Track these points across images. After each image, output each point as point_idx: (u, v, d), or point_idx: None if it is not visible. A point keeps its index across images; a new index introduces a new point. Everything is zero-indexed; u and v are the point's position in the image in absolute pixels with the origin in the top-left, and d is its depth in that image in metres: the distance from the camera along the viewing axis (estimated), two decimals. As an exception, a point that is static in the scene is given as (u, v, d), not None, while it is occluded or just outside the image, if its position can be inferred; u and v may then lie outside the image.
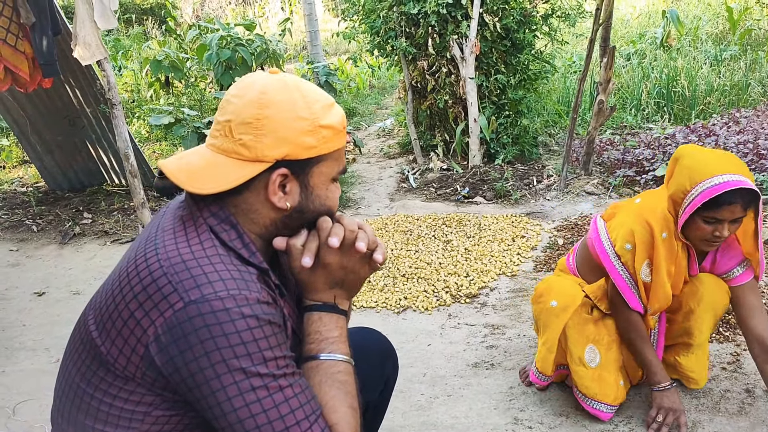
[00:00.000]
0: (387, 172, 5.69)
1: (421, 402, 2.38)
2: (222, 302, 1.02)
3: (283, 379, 1.05)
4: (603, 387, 2.12)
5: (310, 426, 1.05)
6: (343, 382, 1.15)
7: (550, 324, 2.14)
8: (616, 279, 2.08)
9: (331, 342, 1.18)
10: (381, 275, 3.53)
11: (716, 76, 6.47)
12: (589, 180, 4.66)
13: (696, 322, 2.13)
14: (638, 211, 2.07)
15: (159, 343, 1.04)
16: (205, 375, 1.02)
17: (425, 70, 5.40)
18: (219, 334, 1.01)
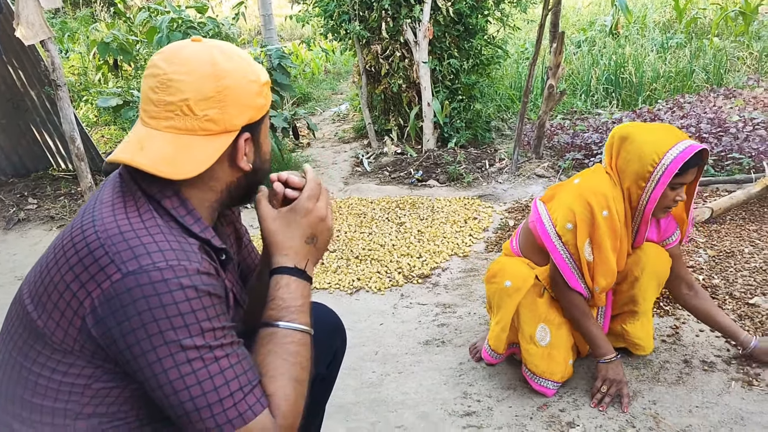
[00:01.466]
0: (341, 156, 5.69)
1: (373, 379, 2.41)
2: (160, 273, 1.01)
3: (220, 350, 1.05)
4: (551, 365, 2.18)
5: (244, 397, 1.05)
6: (293, 353, 1.14)
7: (504, 304, 2.18)
8: (557, 259, 2.13)
9: (293, 311, 1.16)
10: (334, 257, 3.55)
11: (662, 63, 6.64)
12: (540, 163, 4.75)
13: (640, 289, 2.21)
14: (578, 191, 2.12)
15: (96, 315, 1.02)
16: (142, 347, 1.01)
17: (379, 54, 5.40)
18: (156, 306, 1.00)
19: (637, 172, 2.03)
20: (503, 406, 2.19)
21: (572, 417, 2.10)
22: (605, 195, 2.06)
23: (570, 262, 2.12)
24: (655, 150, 1.99)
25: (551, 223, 2.14)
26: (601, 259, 2.10)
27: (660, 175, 1.99)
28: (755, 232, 3.31)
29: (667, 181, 1.98)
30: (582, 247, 2.09)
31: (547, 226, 2.15)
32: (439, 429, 2.10)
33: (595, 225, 2.07)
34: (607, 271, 2.12)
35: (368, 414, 2.21)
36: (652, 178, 2.01)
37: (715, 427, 1.98)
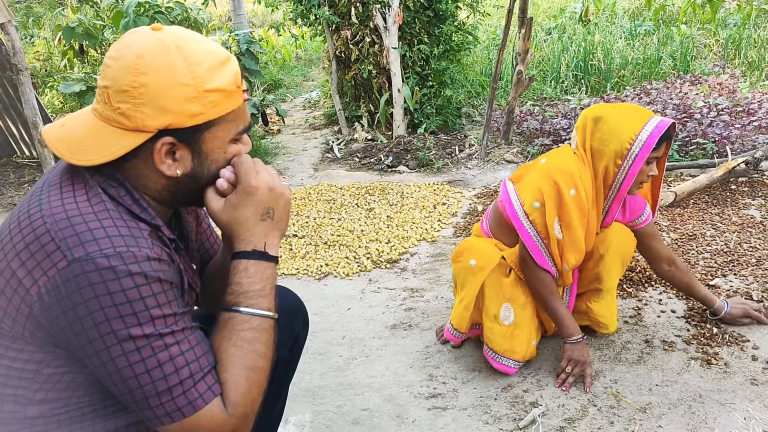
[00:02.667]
0: (312, 142, 5.66)
1: (339, 363, 2.41)
2: (107, 260, 0.98)
3: (170, 337, 1.03)
4: (514, 344, 2.20)
5: (194, 384, 1.03)
6: (249, 339, 1.11)
7: (468, 282, 2.20)
8: (525, 237, 2.15)
9: (251, 295, 1.13)
10: (303, 243, 3.53)
11: (631, 50, 6.71)
12: (509, 149, 4.78)
13: (605, 267, 2.25)
14: (545, 170, 2.13)
15: (42, 303, 1.00)
16: (89, 336, 0.99)
17: (349, 40, 5.37)
18: (103, 293, 0.98)
19: (615, 150, 2.07)
20: (468, 387, 2.21)
21: (535, 397, 2.13)
22: (572, 173, 2.09)
23: (538, 241, 2.14)
24: (631, 127, 2.04)
25: (519, 202, 2.16)
26: (570, 237, 2.13)
27: (638, 150, 2.04)
28: (717, 215, 3.38)
29: (645, 156, 2.04)
30: (552, 225, 2.11)
31: (515, 205, 2.17)
32: (404, 411, 2.11)
33: (563, 203, 2.09)
34: (576, 248, 2.15)
35: (334, 397, 2.21)
36: (629, 155, 2.05)
37: (675, 404, 2.03)
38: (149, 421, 1.03)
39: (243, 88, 1.15)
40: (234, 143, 1.15)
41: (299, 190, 4.40)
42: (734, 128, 4.22)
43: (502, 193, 2.27)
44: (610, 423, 1.97)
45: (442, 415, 2.08)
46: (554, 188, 2.09)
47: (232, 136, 1.14)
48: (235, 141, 1.15)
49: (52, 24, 9.81)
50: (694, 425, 1.93)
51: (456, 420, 2.04)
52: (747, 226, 3.20)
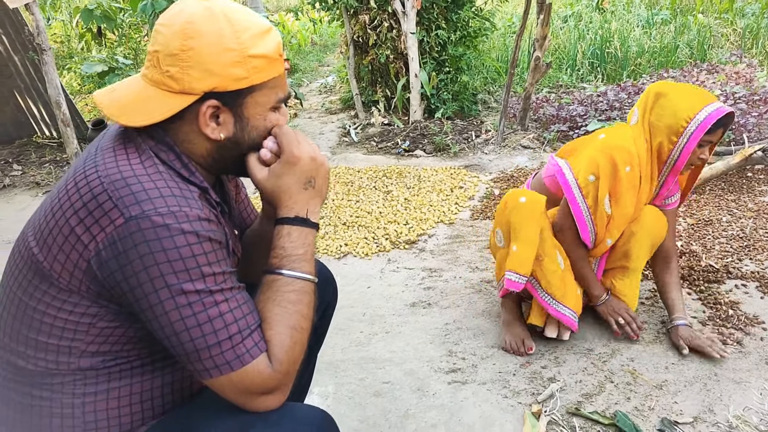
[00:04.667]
0: (329, 126, 5.70)
1: (360, 339, 2.47)
2: (162, 218, 1.03)
3: (220, 294, 1.07)
4: (567, 289, 2.22)
5: (242, 340, 1.07)
6: (293, 301, 1.15)
7: (525, 220, 2.15)
8: (575, 210, 2.18)
9: (294, 259, 1.16)
10: (322, 224, 3.59)
11: (647, 39, 6.69)
12: (525, 135, 4.80)
13: (635, 245, 2.28)
14: (603, 145, 2.17)
15: (100, 257, 1.05)
16: (144, 290, 1.04)
17: (367, 25, 5.39)
18: (158, 250, 1.02)
19: (670, 126, 2.12)
20: (487, 363, 2.26)
21: (553, 373, 2.17)
22: (629, 150, 2.13)
23: (587, 215, 2.18)
24: (690, 107, 2.09)
25: (573, 174, 2.19)
26: (618, 212, 2.18)
27: (694, 129, 2.08)
28: (733, 201, 3.40)
29: (700, 136, 2.08)
30: (602, 200, 2.15)
31: (568, 177, 2.19)
32: (425, 384, 2.17)
33: (617, 179, 2.13)
34: (622, 224, 2.21)
35: (356, 370, 2.27)
36: (685, 133, 2.10)
37: (690, 382, 2.07)
38: (199, 374, 1.08)
39: (284, 58, 1.19)
40: (273, 111, 1.19)
41: (317, 173, 4.45)
42: (751, 116, 4.23)
43: (552, 166, 2.29)
44: (626, 398, 2.02)
45: (461, 388, 2.13)
46: (611, 164, 2.13)
47: (273, 103, 1.18)
48: (274, 109, 1.19)
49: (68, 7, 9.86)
50: (709, 402, 1.97)
51: (475, 393, 2.10)
52: (763, 213, 3.23)
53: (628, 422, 1.88)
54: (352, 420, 2.00)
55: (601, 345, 2.30)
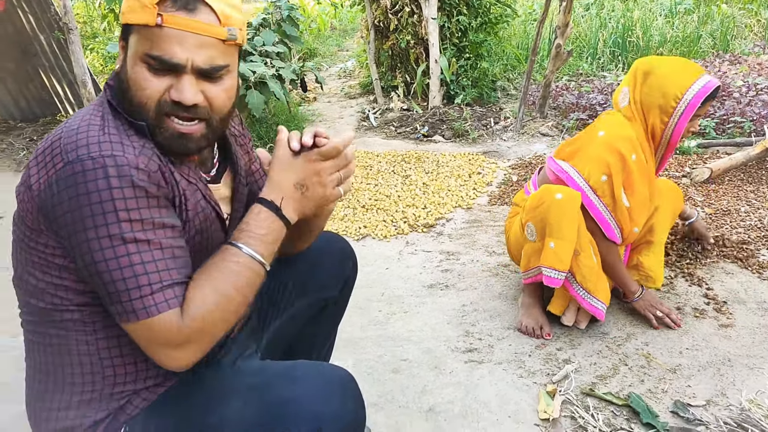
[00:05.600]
0: (348, 111, 5.73)
1: (379, 318, 2.52)
2: (92, 162, 1.06)
3: (133, 245, 1.07)
4: (599, 282, 2.24)
5: (151, 293, 1.07)
6: (233, 271, 1.15)
7: (563, 217, 2.13)
8: (594, 212, 2.21)
9: (251, 236, 1.18)
10: (341, 206, 3.63)
11: (670, 28, 6.64)
12: (544, 122, 4.81)
13: (659, 219, 2.33)
14: (606, 142, 2.18)
15: (41, 198, 1.10)
16: (69, 229, 1.09)
17: (388, 9, 5.41)
18: (82, 192, 1.06)
19: (661, 106, 2.16)
20: (503, 344, 2.30)
21: (568, 355, 2.21)
22: (631, 139, 2.17)
23: (606, 214, 2.20)
24: (679, 84, 2.12)
25: (583, 178, 2.20)
26: (637, 201, 2.21)
27: (683, 109, 2.13)
28: (752, 192, 3.40)
29: (690, 114, 2.13)
30: (619, 196, 2.18)
31: (579, 182, 2.20)
32: (441, 362, 2.22)
33: (628, 170, 2.16)
34: (644, 209, 2.24)
35: (375, 348, 2.32)
36: (675, 113, 2.15)
37: (704, 367, 2.10)
38: (114, 317, 1.11)
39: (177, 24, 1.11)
40: (145, 67, 1.14)
41: (336, 156, 4.49)
42: (773, 108, 4.21)
43: (557, 171, 2.29)
44: (640, 381, 2.05)
45: (477, 368, 2.18)
46: (619, 158, 2.16)
47: (140, 54, 1.13)
48: (147, 66, 1.13)
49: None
50: (722, 386, 2.00)
51: (491, 372, 2.14)
52: (782, 204, 3.23)
53: (642, 403, 1.91)
54: (371, 395, 2.06)
55: (616, 329, 2.34)
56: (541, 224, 2.20)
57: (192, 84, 1.13)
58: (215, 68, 1.14)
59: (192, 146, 1.18)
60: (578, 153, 2.28)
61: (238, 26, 1.16)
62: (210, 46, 1.12)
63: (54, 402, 1.21)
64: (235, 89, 1.22)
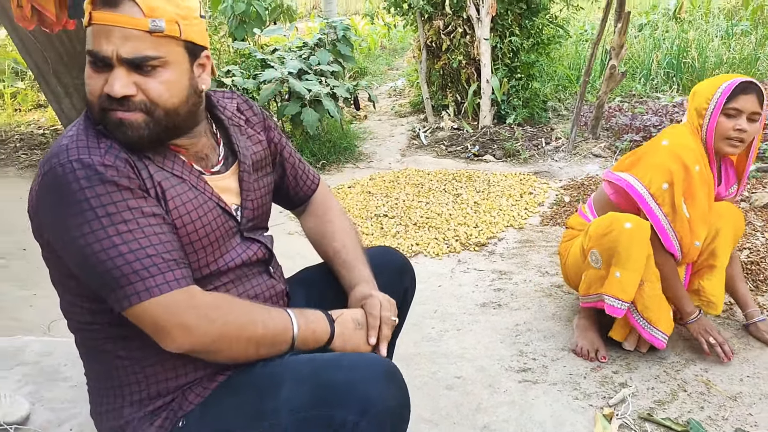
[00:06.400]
0: (398, 129, 5.80)
1: (432, 334, 2.55)
2: (62, 168, 1.12)
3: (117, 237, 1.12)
4: (661, 312, 2.22)
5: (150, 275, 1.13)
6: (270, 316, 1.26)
7: (632, 247, 2.11)
8: (654, 221, 2.19)
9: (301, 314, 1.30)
10: (393, 223, 3.68)
11: (726, 50, 6.53)
12: (597, 143, 4.78)
13: (721, 242, 2.29)
14: (670, 150, 2.19)
15: (32, 212, 1.20)
16: (56, 235, 1.16)
17: (441, 30, 5.47)
18: (58, 198, 1.13)
19: (696, 109, 2.20)
20: (558, 365, 2.30)
21: (625, 379, 2.19)
22: (694, 150, 2.17)
23: (666, 224, 2.19)
24: (710, 88, 2.18)
25: (643, 186, 2.20)
26: (696, 212, 2.20)
27: (713, 107, 2.15)
28: (815, 218, 3.32)
29: (719, 109, 2.14)
30: (680, 206, 2.17)
31: (640, 189, 2.20)
32: (495, 381, 2.22)
33: (690, 180, 2.16)
34: (704, 221, 2.23)
35: (429, 364, 2.34)
36: (707, 113, 2.17)
37: (766, 395, 2.06)
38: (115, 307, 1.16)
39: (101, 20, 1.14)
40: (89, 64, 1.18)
41: (388, 174, 4.55)
42: (837, 132, 4.10)
43: (615, 180, 2.29)
44: (700, 408, 2.02)
45: (532, 387, 2.18)
46: (682, 167, 2.15)
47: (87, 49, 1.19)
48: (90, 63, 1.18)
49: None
50: (786, 416, 1.96)
51: (546, 393, 2.14)
52: None
53: (702, 430, 1.89)
54: (425, 410, 2.08)
55: (674, 354, 2.31)
56: (608, 253, 2.17)
57: (121, 77, 1.15)
58: (143, 58, 1.15)
59: (132, 134, 1.18)
60: (639, 162, 2.28)
61: (167, 18, 1.16)
62: (135, 39, 1.14)
63: (108, 403, 1.29)
64: (182, 82, 1.21)
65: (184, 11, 1.19)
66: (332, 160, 4.92)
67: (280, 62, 4.95)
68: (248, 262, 1.38)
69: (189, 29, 1.20)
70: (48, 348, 2.10)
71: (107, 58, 1.14)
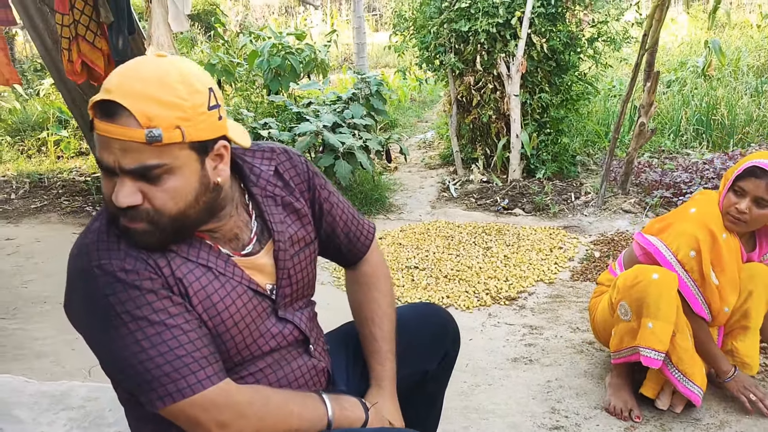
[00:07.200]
0: (428, 181, 5.89)
1: (464, 389, 2.56)
2: (85, 273, 1.17)
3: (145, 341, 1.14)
4: (695, 366, 2.22)
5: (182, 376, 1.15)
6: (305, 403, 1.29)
7: (662, 297, 2.13)
8: (682, 286, 2.22)
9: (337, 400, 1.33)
10: (424, 275, 3.73)
11: (756, 107, 6.56)
12: (626, 199, 4.81)
13: (754, 303, 2.30)
14: (698, 219, 2.24)
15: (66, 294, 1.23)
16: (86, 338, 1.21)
17: (471, 86, 5.61)
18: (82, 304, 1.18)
19: (724, 177, 2.27)
20: (591, 423, 2.29)
21: (659, 439, 2.18)
22: (720, 218, 2.22)
23: (694, 289, 2.22)
24: (737, 165, 2.22)
25: (671, 252, 2.24)
26: (726, 280, 2.22)
27: (730, 181, 2.21)
28: None
29: (730, 185, 2.19)
30: (708, 273, 2.19)
31: (667, 256, 2.24)
32: (528, 438, 2.23)
33: (717, 248, 2.19)
34: (733, 289, 2.24)
35: (461, 419, 2.36)
36: (726, 185, 2.24)
37: (805, 461, 2.03)
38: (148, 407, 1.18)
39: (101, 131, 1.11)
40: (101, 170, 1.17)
41: (418, 225, 4.62)
42: None
43: (644, 244, 2.33)
44: (736, 471, 2.00)
45: (565, 446, 2.18)
46: (710, 235, 2.19)
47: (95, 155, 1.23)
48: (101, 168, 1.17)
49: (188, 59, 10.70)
50: (826, 483, 1.93)
51: (579, 452, 2.14)
52: None
53: (739, 495, 1.87)
54: (458, 466, 2.08)
55: (709, 415, 2.29)
56: (638, 304, 2.20)
57: (126, 185, 1.13)
58: (144, 168, 1.11)
59: (140, 241, 1.18)
60: (668, 228, 2.32)
61: (165, 125, 1.09)
62: (134, 150, 1.09)
63: None
64: (191, 185, 1.17)
65: (188, 112, 1.12)
66: (364, 212, 5.01)
67: (315, 115, 5.11)
68: (284, 344, 1.36)
69: (194, 129, 1.13)
70: (93, 393, 2.17)
71: (110, 168, 1.12)
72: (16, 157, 7.22)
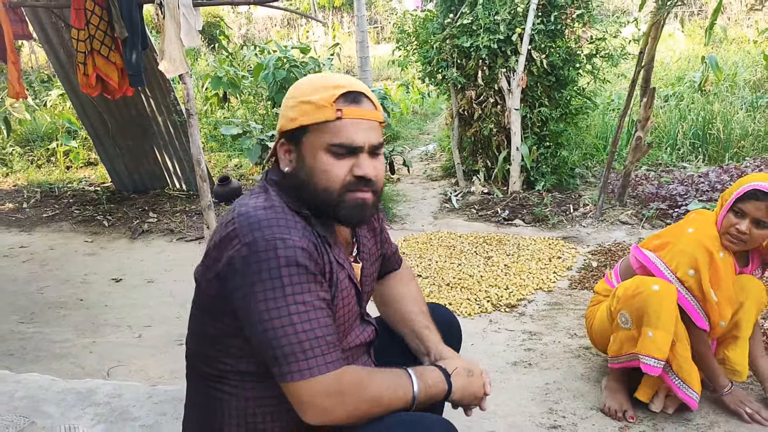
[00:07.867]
0: (430, 192, 6.03)
1: (466, 390, 2.68)
2: (265, 243, 1.29)
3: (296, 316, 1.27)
4: (693, 373, 2.33)
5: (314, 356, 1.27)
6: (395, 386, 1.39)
7: (662, 307, 2.24)
8: (683, 302, 2.33)
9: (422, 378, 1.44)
10: (427, 283, 3.85)
11: (752, 122, 6.71)
12: (624, 210, 4.94)
13: (745, 314, 2.41)
14: (696, 239, 2.35)
15: (223, 273, 1.35)
16: (242, 303, 1.31)
17: (473, 100, 5.76)
18: (257, 270, 1.29)
19: (722, 198, 2.36)
20: (587, 423, 2.41)
21: (652, 438, 2.30)
22: (717, 238, 2.33)
23: (695, 304, 2.33)
24: (742, 182, 2.30)
25: (670, 270, 2.36)
26: (723, 296, 2.33)
27: (729, 202, 2.30)
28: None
29: (730, 206, 2.28)
30: (708, 291, 2.30)
31: (666, 273, 2.36)
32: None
33: (715, 267, 2.30)
34: (729, 304, 2.34)
35: (462, 419, 2.47)
36: (725, 205, 2.33)
37: (789, 458, 2.15)
38: (277, 378, 1.31)
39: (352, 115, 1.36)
40: (329, 155, 1.37)
41: (420, 236, 4.75)
42: None
43: (644, 261, 2.45)
44: (724, 467, 2.12)
45: (562, 444, 2.30)
46: (707, 255, 2.30)
47: (324, 146, 1.37)
48: (332, 154, 1.37)
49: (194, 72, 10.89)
50: (808, 478, 2.04)
51: (576, 449, 2.26)
52: None
53: (726, 488, 1.98)
54: (461, 462, 2.20)
55: (699, 416, 2.41)
56: (638, 314, 2.31)
57: (368, 161, 1.37)
58: (380, 145, 1.40)
59: (367, 214, 1.41)
60: (666, 246, 2.43)
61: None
62: (375, 128, 1.39)
63: None
64: None
65: None
66: (367, 221, 5.14)
67: (321, 128, 5.23)
68: (361, 343, 1.55)
69: None
70: (117, 390, 2.29)
71: (360, 147, 1.35)
72: (27, 166, 7.37)
